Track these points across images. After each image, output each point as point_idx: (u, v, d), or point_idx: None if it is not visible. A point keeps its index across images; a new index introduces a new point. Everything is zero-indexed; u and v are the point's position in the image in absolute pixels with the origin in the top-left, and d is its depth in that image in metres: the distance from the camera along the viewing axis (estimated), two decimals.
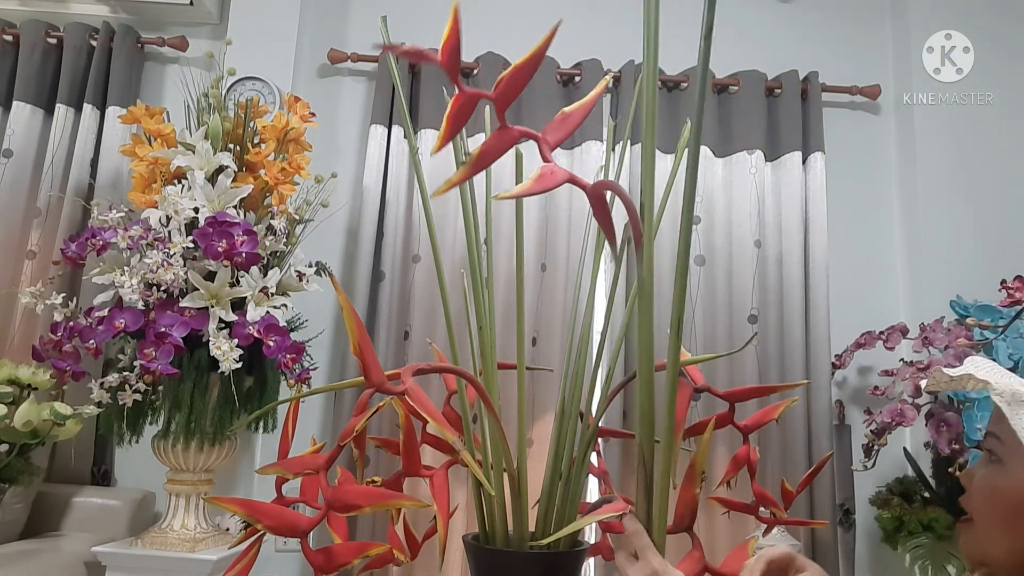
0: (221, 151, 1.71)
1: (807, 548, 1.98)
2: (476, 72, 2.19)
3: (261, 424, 1.82)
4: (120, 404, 1.56)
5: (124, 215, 1.68)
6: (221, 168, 1.70)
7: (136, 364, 1.55)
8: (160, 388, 1.61)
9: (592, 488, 1.86)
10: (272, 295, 1.67)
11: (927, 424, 1.82)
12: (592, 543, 0.92)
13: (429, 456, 0.89)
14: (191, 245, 1.59)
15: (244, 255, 1.60)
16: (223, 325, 1.60)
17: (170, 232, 1.61)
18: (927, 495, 1.93)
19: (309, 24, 2.26)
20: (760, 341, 2.10)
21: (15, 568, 1.57)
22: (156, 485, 1.87)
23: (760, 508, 0.93)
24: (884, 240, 2.30)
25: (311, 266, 1.81)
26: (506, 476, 0.83)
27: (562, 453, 0.86)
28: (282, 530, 0.65)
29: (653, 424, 0.68)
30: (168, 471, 1.69)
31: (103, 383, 1.57)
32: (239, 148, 1.76)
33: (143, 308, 1.58)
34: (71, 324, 1.61)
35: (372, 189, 2.10)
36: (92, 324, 1.58)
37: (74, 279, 2.01)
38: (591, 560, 1.95)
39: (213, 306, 1.60)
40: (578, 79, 2.20)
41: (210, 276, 1.61)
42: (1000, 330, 1.82)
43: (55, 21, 2.20)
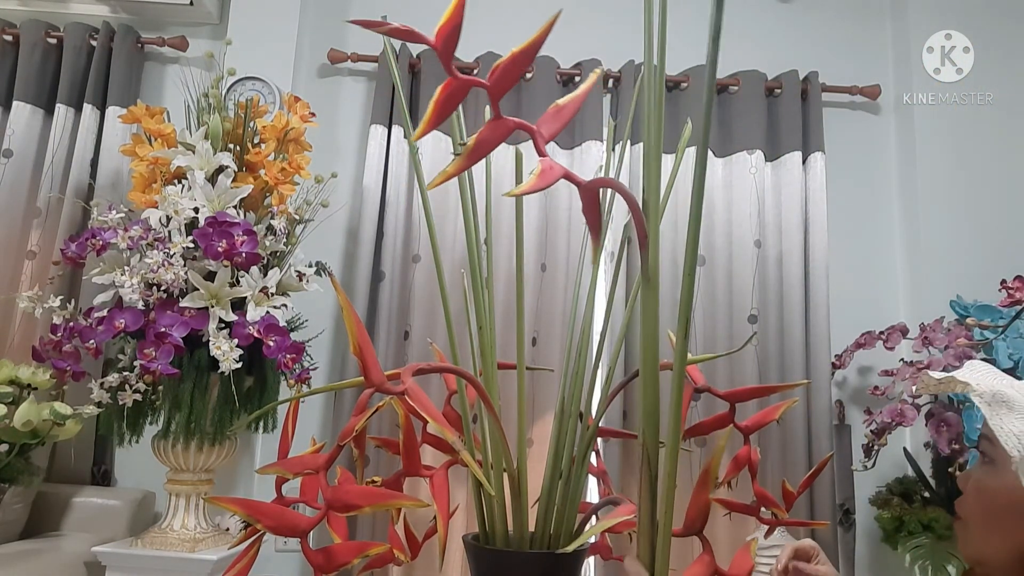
0: (221, 151, 1.71)
1: None
2: (476, 72, 2.19)
3: (261, 424, 1.82)
4: (120, 404, 1.56)
5: (124, 215, 1.68)
6: (221, 168, 1.70)
7: (136, 364, 1.55)
8: (160, 388, 1.61)
9: (592, 488, 1.86)
10: (272, 295, 1.67)
11: (927, 424, 1.82)
12: (592, 543, 0.92)
13: (429, 456, 0.89)
14: (191, 245, 1.59)
15: (244, 255, 1.60)
16: (223, 325, 1.60)
17: (170, 232, 1.62)
18: (927, 495, 1.93)
19: (309, 24, 2.26)
20: (760, 341, 2.10)
21: (15, 568, 1.57)
22: (156, 485, 1.87)
23: (761, 509, 0.93)
24: (884, 240, 2.30)
25: (311, 266, 1.81)
26: (506, 476, 0.83)
27: (562, 453, 0.86)
28: (282, 530, 0.65)
29: (658, 425, 0.67)
30: (168, 471, 1.69)
31: (103, 383, 1.57)
32: (239, 148, 1.76)
33: (143, 308, 1.58)
34: (71, 324, 1.61)
35: (372, 189, 2.10)
36: (92, 324, 1.58)
37: (74, 279, 2.02)
38: (591, 560, 1.95)
39: (213, 306, 1.60)
40: (578, 79, 2.20)
41: (210, 276, 1.61)
42: (1000, 330, 1.82)
43: (55, 21, 2.20)
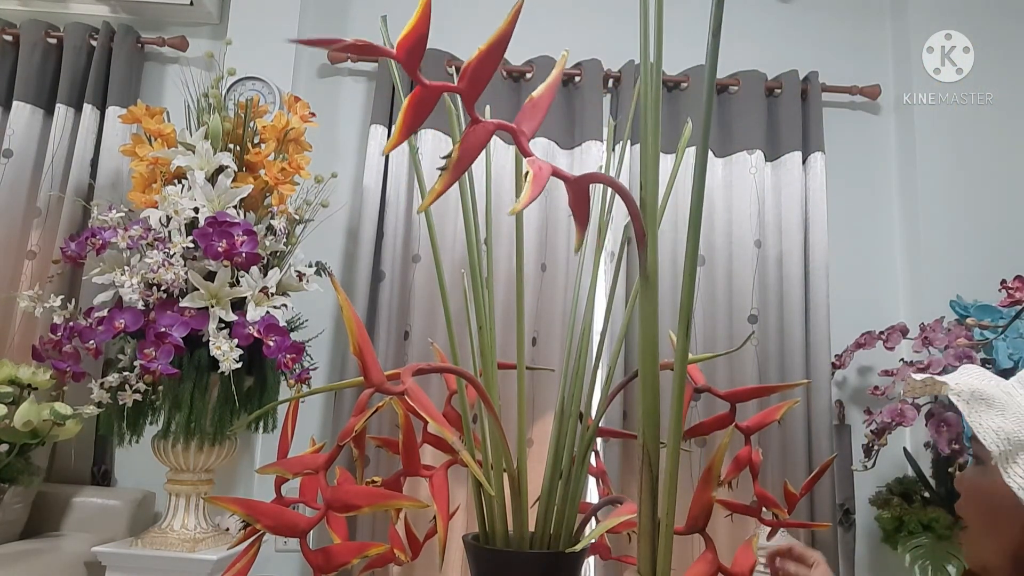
0: (221, 151, 1.71)
1: None
2: None
3: (261, 424, 1.82)
4: (120, 404, 1.56)
5: (124, 215, 1.68)
6: (221, 168, 1.70)
7: (136, 364, 1.55)
8: (160, 388, 1.61)
9: (592, 488, 1.86)
10: (272, 295, 1.67)
11: (927, 424, 1.82)
12: (591, 542, 0.92)
13: (429, 456, 0.89)
14: (191, 245, 1.59)
15: (244, 255, 1.60)
16: (223, 325, 1.60)
17: (170, 232, 1.62)
18: (927, 495, 1.93)
19: (309, 24, 2.26)
20: (760, 341, 2.10)
21: (15, 568, 1.57)
22: (156, 485, 1.87)
23: (762, 510, 0.93)
24: (884, 240, 2.30)
25: (311, 266, 1.81)
26: (506, 476, 0.83)
27: (562, 453, 0.86)
28: (281, 530, 0.65)
29: (658, 425, 0.67)
30: (168, 471, 1.69)
31: (103, 383, 1.57)
32: (239, 148, 1.76)
33: (143, 308, 1.58)
34: (71, 324, 1.61)
35: (372, 189, 2.10)
36: (92, 324, 1.58)
37: (74, 279, 2.02)
38: (591, 560, 1.95)
39: (213, 306, 1.60)
40: (578, 79, 2.20)
41: (210, 276, 1.61)
42: (1000, 330, 1.82)
43: (55, 21, 2.20)
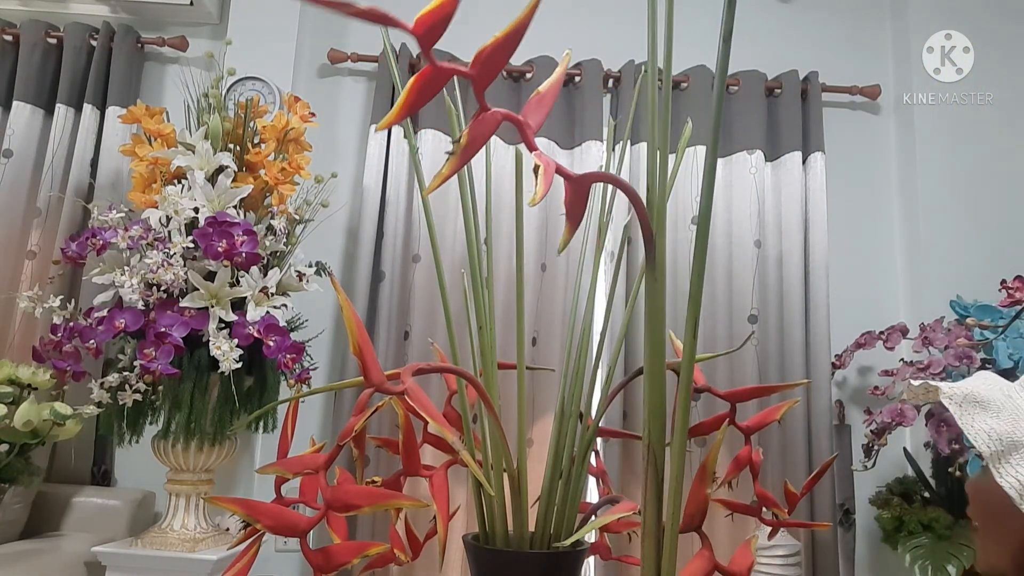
0: (221, 151, 1.71)
1: (807, 548, 1.97)
2: None
3: (261, 424, 1.82)
4: (120, 404, 1.56)
5: (124, 215, 1.68)
6: (221, 168, 1.70)
7: (136, 364, 1.55)
8: (160, 388, 1.61)
9: (592, 488, 1.86)
10: (272, 295, 1.67)
11: (927, 424, 1.82)
12: (591, 543, 0.92)
13: (429, 456, 0.89)
14: (191, 245, 1.59)
15: (244, 255, 1.60)
16: (223, 325, 1.60)
17: (170, 232, 1.62)
18: (927, 495, 1.93)
19: (309, 24, 2.26)
20: (760, 341, 2.10)
21: (15, 568, 1.57)
22: (156, 485, 1.87)
23: (762, 510, 0.93)
24: (884, 240, 2.30)
25: (311, 266, 1.81)
26: (506, 476, 0.83)
27: (562, 453, 0.86)
28: (281, 530, 0.65)
29: (664, 424, 0.67)
30: (168, 471, 1.69)
31: (103, 383, 1.57)
32: (239, 148, 1.76)
33: (143, 308, 1.58)
34: (71, 324, 1.61)
35: (372, 189, 2.10)
36: (92, 324, 1.58)
37: (74, 279, 2.02)
38: (590, 559, 1.95)
39: (213, 306, 1.60)
40: (578, 79, 2.20)
41: (210, 276, 1.61)
42: (1000, 330, 1.82)
43: (55, 21, 2.20)
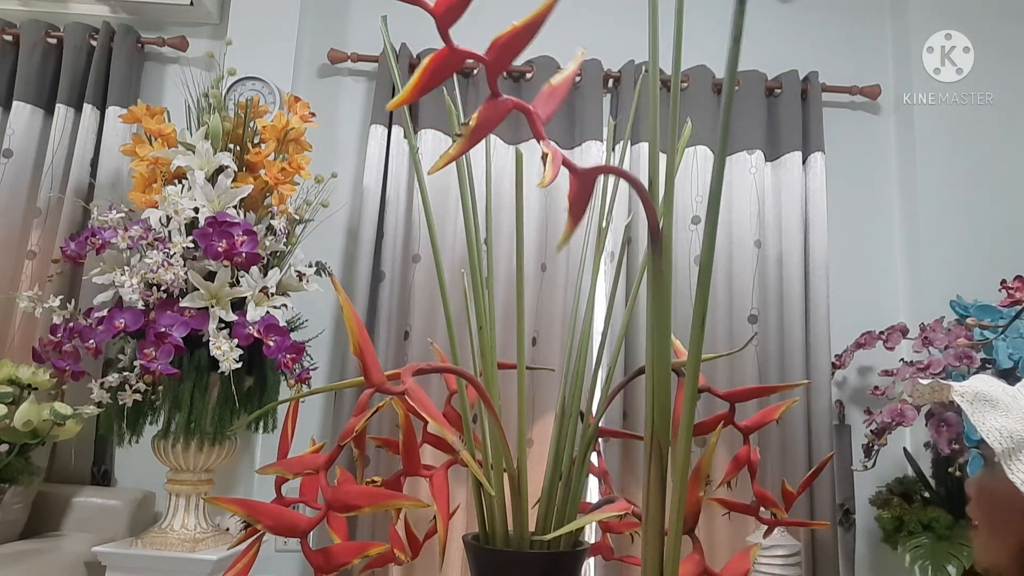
0: (221, 151, 1.71)
1: (807, 548, 1.97)
2: (476, 72, 2.19)
3: (261, 424, 1.82)
4: (120, 404, 1.56)
5: (124, 215, 1.68)
6: (221, 168, 1.70)
7: (136, 364, 1.55)
8: (160, 388, 1.61)
9: (592, 488, 1.86)
10: (272, 295, 1.67)
11: (927, 424, 1.82)
12: (592, 543, 0.92)
13: (429, 456, 0.89)
14: (191, 245, 1.59)
15: (244, 255, 1.60)
16: (223, 325, 1.60)
17: (170, 232, 1.62)
18: (927, 495, 1.93)
19: (309, 24, 2.26)
20: (760, 341, 2.10)
21: (15, 568, 1.57)
22: (156, 485, 1.87)
23: (761, 509, 0.93)
24: (884, 240, 2.30)
25: (311, 266, 1.81)
26: (506, 476, 0.83)
27: (562, 453, 0.86)
28: (282, 530, 0.65)
29: (669, 417, 0.67)
30: (168, 471, 1.69)
31: (103, 383, 1.57)
32: (239, 148, 1.76)
33: (143, 308, 1.58)
34: (71, 324, 1.61)
35: (372, 189, 2.10)
36: (92, 324, 1.58)
37: (74, 279, 2.02)
38: (591, 560, 1.95)
39: (213, 306, 1.60)
40: (578, 79, 2.20)
41: (210, 276, 1.61)
42: (1000, 330, 1.82)
43: (55, 21, 2.20)
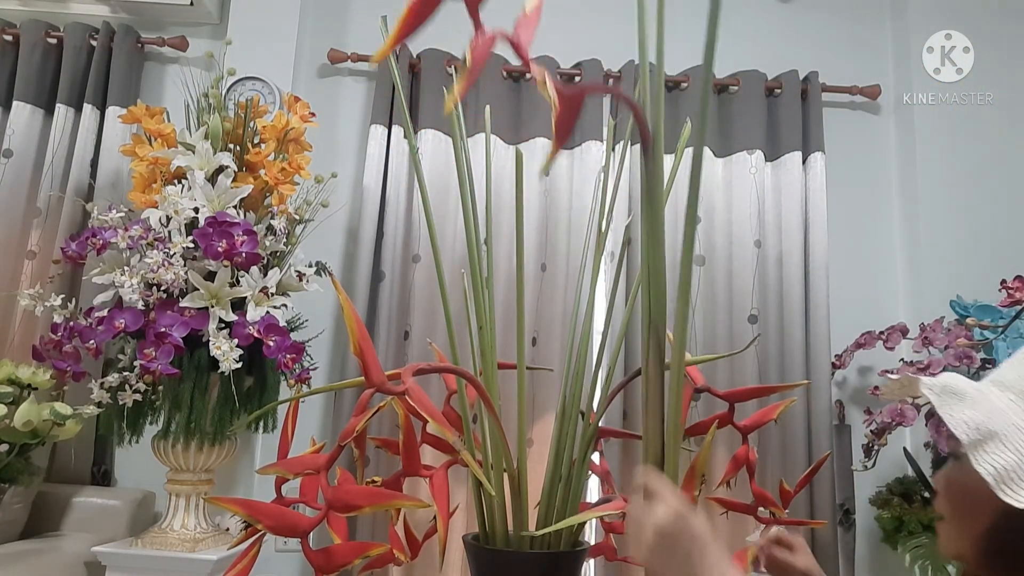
0: (221, 151, 1.71)
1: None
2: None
3: (261, 424, 1.82)
4: (120, 404, 1.56)
5: (124, 215, 1.68)
6: (221, 168, 1.70)
7: (136, 364, 1.55)
8: (160, 388, 1.61)
9: (593, 489, 1.86)
10: (272, 295, 1.67)
11: (927, 424, 1.82)
12: (593, 544, 0.92)
13: (429, 456, 0.89)
14: (191, 245, 1.59)
15: (244, 255, 1.60)
16: (223, 325, 1.60)
17: (170, 232, 1.62)
18: (927, 495, 1.93)
19: (309, 24, 2.26)
20: (760, 341, 2.10)
21: (15, 568, 1.57)
22: (156, 485, 1.87)
23: (759, 508, 0.93)
24: (884, 240, 2.30)
25: (311, 266, 1.81)
26: (506, 476, 0.83)
27: (563, 454, 0.86)
28: (282, 530, 0.65)
29: (667, 419, 0.67)
30: (168, 471, 1.69)
31: (103, 383, 1.57)
32: (239, 148, 1.76)
33: (143, 308, 1.59)
34: (71, 324, 1.61)
35: (372, 189, 2.10)
36: (92, 324, 1.58)
37: (74, 279, 2.01)
38: (591, 561, 1.95)
39: (213, 306, 1.60)
40: (578, 79, 2.20)
41: (210, 276, 1.61)
42: (1000, 330, 1.82)
43: (55, 21, 2.20)
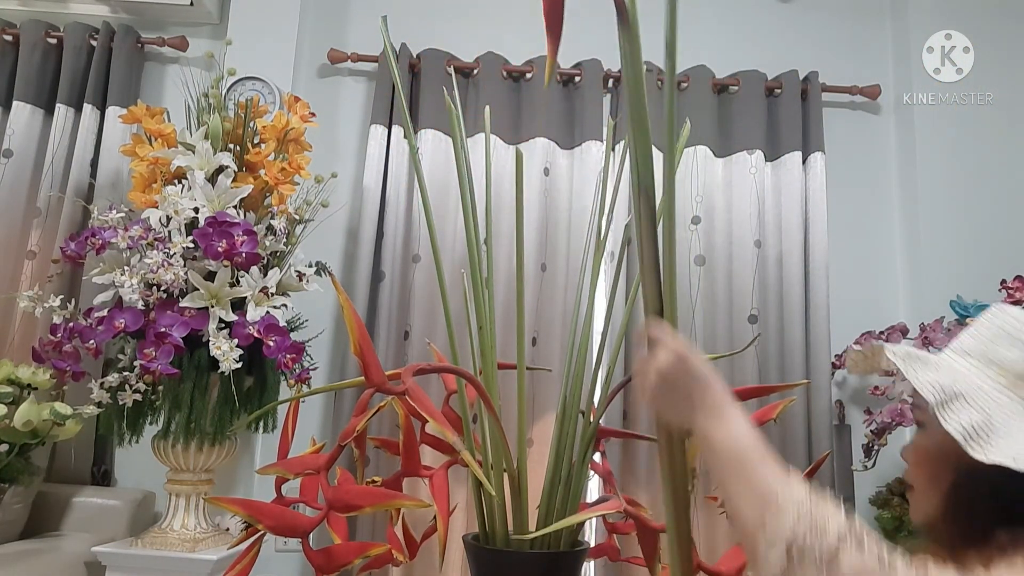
0: (221, 151, 1.71)
1: None
2: (476, 72, 2.19)
3: (261, 424, 1.82)
4: (120, 404, 1.56)
5: (124, 215, 1.68)
6: (221, 168, 1.70)
7: (136, 364, 1.55)
8: (160, 388, 1.61)
9: (593, 489, 1.86)
10: (272, 295, 1.67)
11: None
12: (594, 545, 0.92)
13: (429, 456, 0.89)
14: (191, 245, 1.59)
15: (244, 255, 1.60)
16: (223, 325, 1.60)
17: (170, 232, 1.62)
18: None
19: (309, 24, 2.26)
20: (760, 341, 2.10)
21: (15, 568, 1.57)
22: (156, 485, 1.87)
23: None
24: (884, 240, 2.30)
25: (311, 266, 1.81)
26: (506, 476, 0.83)
27: (563, 454, 0.86)
28: (282, 530, 0.65)
29: (652, 172, 0.65)
30: (168, 471, 1.69)
31: (103, 383, 1.57)
32: (239, 148, 1.76)
33: (143, 308, 1.58)
34: (71, 324, 1.61)
35: (372, 189, 2.10)
36: (92, 324, 1.58)
37: (74, 279, 2.01)
38: (592, 561, 1.95)
39: (213, 306, 1.60)
40: (578, 79, 2.20)
41: (210, 276, 1.61)
42: None
43: (55, 21, 2.20)
